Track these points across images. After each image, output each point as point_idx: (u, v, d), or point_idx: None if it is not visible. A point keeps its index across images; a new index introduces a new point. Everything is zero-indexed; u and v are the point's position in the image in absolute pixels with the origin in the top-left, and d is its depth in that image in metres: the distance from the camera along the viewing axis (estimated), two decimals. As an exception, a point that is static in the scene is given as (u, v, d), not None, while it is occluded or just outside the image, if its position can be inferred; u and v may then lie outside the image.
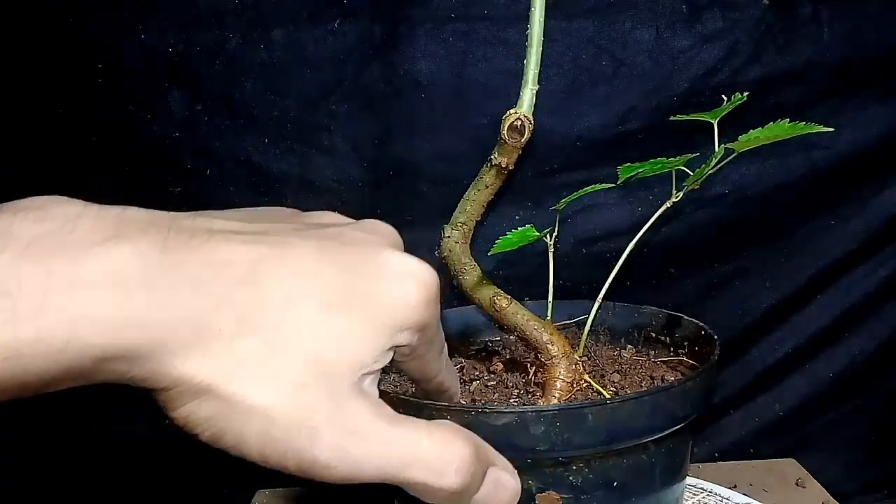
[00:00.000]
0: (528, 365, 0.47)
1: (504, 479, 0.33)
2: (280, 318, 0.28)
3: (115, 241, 0.25)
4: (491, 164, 0.42)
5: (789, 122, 0.41)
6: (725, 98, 0.45)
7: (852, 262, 0.69)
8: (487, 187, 0.43)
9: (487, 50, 0.62)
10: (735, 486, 0.61)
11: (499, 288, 0.46)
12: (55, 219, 0.26)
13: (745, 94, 0.44)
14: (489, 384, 0.48)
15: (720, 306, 0.69)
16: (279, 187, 0.65)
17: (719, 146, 0.42)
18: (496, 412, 0.38)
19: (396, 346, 0.31)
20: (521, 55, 0.39)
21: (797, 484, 0.62)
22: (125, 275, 0.25)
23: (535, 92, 0.39)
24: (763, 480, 0.63)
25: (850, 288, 0.69)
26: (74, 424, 0.70)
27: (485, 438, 0.37)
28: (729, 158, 0.42)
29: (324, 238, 0.30)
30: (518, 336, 0.45)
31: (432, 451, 0.30)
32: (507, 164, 0.41)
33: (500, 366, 0.51)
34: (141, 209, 0.28)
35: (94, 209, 0.26)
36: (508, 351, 0.54)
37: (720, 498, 0.58)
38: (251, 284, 0.27)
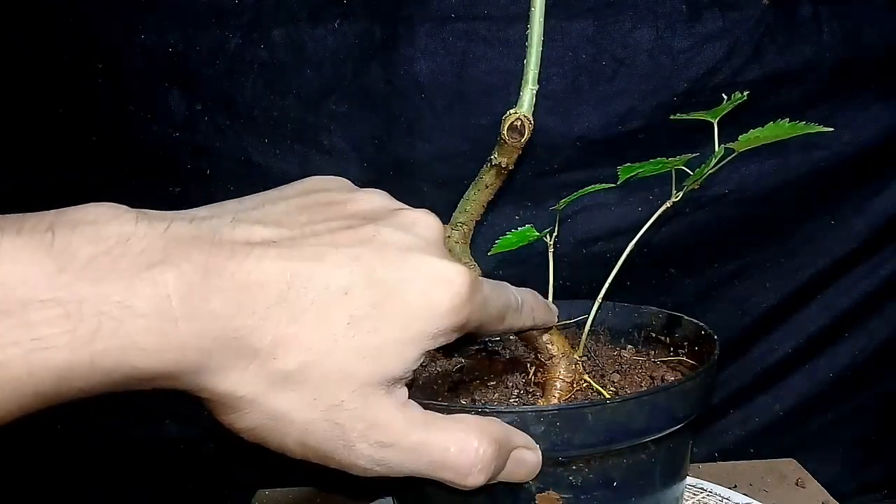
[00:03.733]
0: (528, 365, 0.47)
1: (524, 455, 0.36)
2: (312, 336, 0.29)
3: (161, 269, 0.27)
4: (491, 164, 0.42)
5: (789, 122, 0.40)
6: (725, 97, 0.45)
7: (853, 261, 0.69)
8: (487, 187, 0.42)
9: (487, 50, 0.62)
10: (735, 486, 0.61)
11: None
12: (109, 239, 0.27)
13: (746, 93, 0.44)
14: (489, 384, 0.48)
15: (720, 306, 0.69)
16: (279, 187, 0.65)
17: (719, 146, 0.42)
18: (496, 412, 0.38)
19: (431, 350, 0.32)
20: (521, 55, 0.39)
21: (797, 484, 0.62)
22: (170, 304, 0.27)
23: (535, 92, 0.39)
24: (763, 480, 0.63)
25: (851, 288, 0.69)
26: (74, 424, 0.70)
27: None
28: (729, 158, 0.42)
29: (358, 244, 0.31)
30: (518, 336, 0.45)
31: (459, 457, 0.32)
32: (507, 164, 0.41)
33: (500, 366, 0.51)
34: (184, 221, 0.29)
35: (143, 227, 0.27)
36: (508, 351, 0.54)
37: (720, 498, 0.58)
38: (285, 304, 0.29)
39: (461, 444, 0.32)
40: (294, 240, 0.30)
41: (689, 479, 0.61)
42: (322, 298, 0.29)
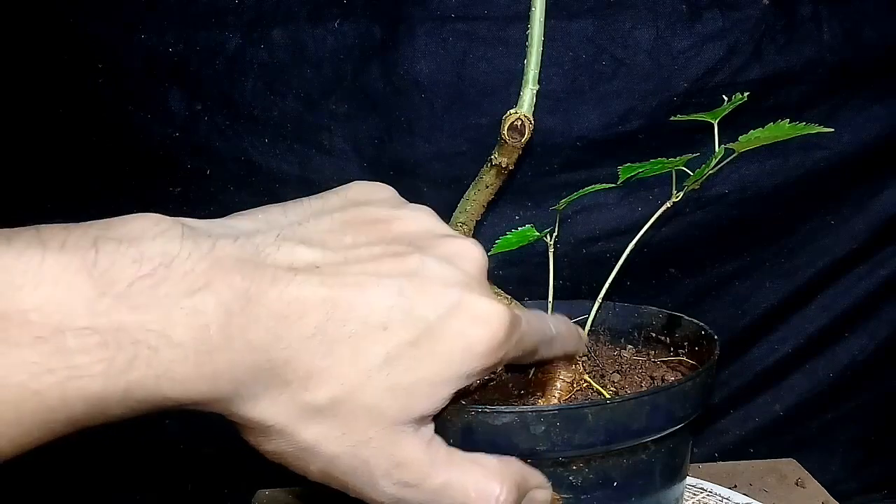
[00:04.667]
0: (529, 365, 0.47)
1: (537, 496, 0.36)
2: (346, 371, 0.29)
3: (202, 296, 0.26)
4: (491, 164, 0.42)
5: (789, 122, 0.41)
6: (726, 98, 0.45)
7: (852, 261, 0.69)
8: (487, 187, 0.43)
9: (487, 50, 0.62)
10: (735, 486, 0.61)
11: (499, 288, 0.46)
12: (152, 259, 0.26)
13: (746, 94, 0.44)
14: (489, 384, 0.48)
15: (720, 306, 0.69)
16: (279, 187, 0.65)
17: (719, 146, 0.42)
18: (496, 412, 0.38)
19: (460, 389, 0.32)
20: (521, 55, 0.39)
21: (797, 484, 0.62)
22: (208, 333, 0.26)
23: (535, 92, 0.39)
24: (763, 480, 0.63)
25: (850, 288, 0.69)
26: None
27: (485, 438, 0.37)
28: (729, 159, 0.42)
29: (402, 275, 0.30)
30: None
31: (478, 502, 0.32)
32: (508, 164, 0.41)
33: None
34: (229, 239, 0.28)
35: (188, 246, 0.27)
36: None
37: (720, 498, 0.58)
38: (322, 336, 0.28)
39: (482, 489, 0.32)
40: (337, 265, 0.29)
41: (689, 479, 0.61)
42: (360, 332, 0.29)
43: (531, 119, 0.39)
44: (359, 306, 0.29)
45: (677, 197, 0.45)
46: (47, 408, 0.24)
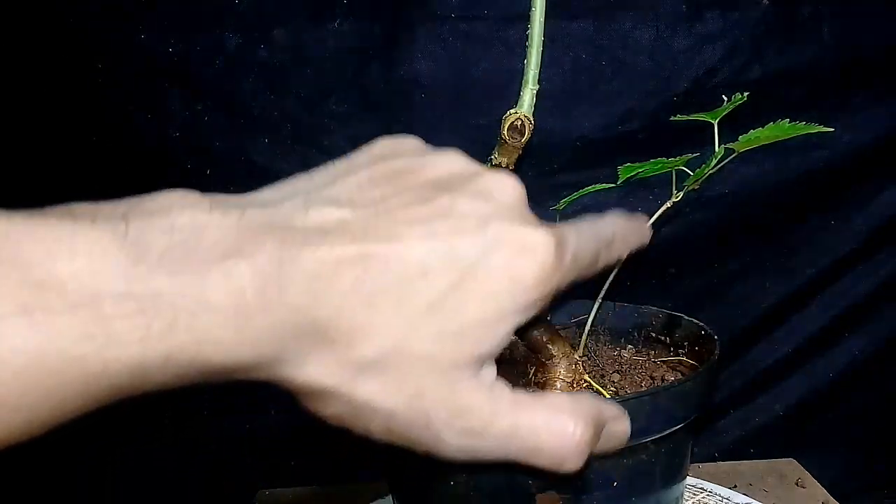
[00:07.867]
0: (528, 365, 0.47)
1: (615, 429, 0.34)
2: (390, 322, 0.28)
3: (235, 260, 0.26)
4: (491, 165, 0.42)
5: (789, 122, 0.41)
6: (726, 98, 0.45)
7: (852, 261, 0.69)
8: (487, 187, 0.42)
9: (487, 50, 0.62)
10: (735, 486, 0.61)
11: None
12: (183, 229, 0.26)
13: (745, 94, 0.44)
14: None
15: (720, 306, 0.69)
16: (279, 187, 0.65)
17: (719, 146, 0.42)
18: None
19: (519, 325, 0.30)
20: (521, 55, 0.39)
21: (797, 484, 0.62)
22: (245, 297, 0.26)
23: (535, 92, 0.39)
24: (763, 480, 0.63)
25: (850, 288, 0.69)
26: (74, 424, 0.70)
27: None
28: (729, 158, 0.42)
29: (434, 218, 0.29)
30: (519, 337, 0.45)
31: (552, 442, 0.30)
32: (508, 165, 0.41)
33: (500, 366, 0.51)
34: (257, 207, 0.28)
35: (217, 216, 0.27)
36: (508, 351, 0.54)
37: (720, 498, 0.58)
38: (361, 290, 0.28)
39: (555, 428, 0.30)
40: (367, 219, 0.29)
41: (689, 479, 0.61)
42: (399, 281, 0.28)
43: (531, 119, 0.39)
44: (394, 255, 0.28)
45: (677, 197, 0.45)
46: (89, 374, 0.24)
